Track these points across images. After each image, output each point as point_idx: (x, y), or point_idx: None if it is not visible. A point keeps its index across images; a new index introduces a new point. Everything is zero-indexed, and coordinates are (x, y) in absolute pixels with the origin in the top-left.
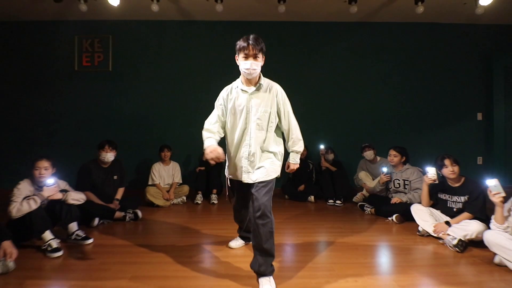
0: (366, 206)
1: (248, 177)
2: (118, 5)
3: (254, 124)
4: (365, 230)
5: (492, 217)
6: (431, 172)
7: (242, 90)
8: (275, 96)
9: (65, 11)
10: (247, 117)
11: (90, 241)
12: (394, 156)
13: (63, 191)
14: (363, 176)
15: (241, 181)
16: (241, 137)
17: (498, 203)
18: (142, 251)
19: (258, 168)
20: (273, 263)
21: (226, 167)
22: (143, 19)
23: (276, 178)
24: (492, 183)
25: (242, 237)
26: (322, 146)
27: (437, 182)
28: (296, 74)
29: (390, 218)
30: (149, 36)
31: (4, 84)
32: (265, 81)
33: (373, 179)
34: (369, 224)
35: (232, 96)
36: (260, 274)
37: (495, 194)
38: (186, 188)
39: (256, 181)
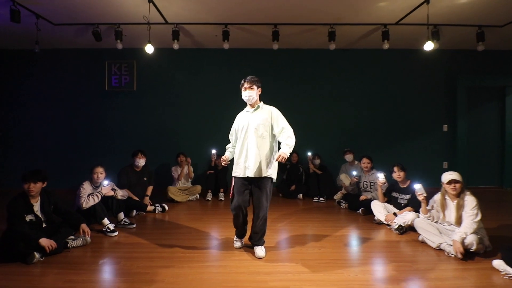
0: (342, 202)
1: (248, 172)
2: (149, 51)
3: (252, 132)
4: (338, 220)
5: (420, 210)
6: (381, 177)
7: (246, 111)
8: (270, 114)
9: (98, 42)
10: (247, 129)
11: (134, 226)
12: (367, 163)
13: (113, 189)
14: (343, 178)
15: (242, 179)
16: (242, 144)
17: (422, 200)
18: (167, 232)
19: (256, 166)
20: (271, 241)
21: (234, 168)
22: (162, 47)
23: (272, 180)
24: (418, 187)
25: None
26: (309, 153)
27: (386, 184)
28: (288, 92)
29: (358, 211)
30: (167, 60)
31: (49, 102)
32: (263, 105)
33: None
34: (342, 215)
35: (239, 117)
36: (257, 244)
37: (419, 194)
38: (199, 188)
39: (255, 176)
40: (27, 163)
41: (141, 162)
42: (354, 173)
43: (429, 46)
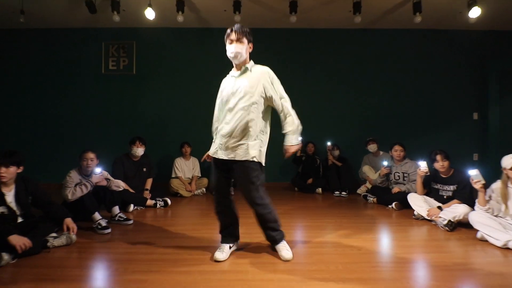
0: (369, 196)
1: (223, 154)
2: (150, 16)
3: (234, 104)
4: (369, 216)
5: (476, 200)
6: (423, 166)
7: (231, 76)
8: (262, 77)
9: (94, 20)
10: (230, 99)
11: (131, 222)
12: (400, 151)
13: (107, 179)
14: (367, 170)
15: (221, 160)
16: (224, 116)
17: (479, 189)
18: (169, 230)
19: (237, 146)
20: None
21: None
22: (163, 26)
23: (260, 164)
24: (473, 173)
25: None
26: (329, 143)
27: (428, 174)
28: (305, 76)
29: (390, 206)
30: (169, 42)
31: (38, 85)
32: (252, 65)
33: (376, 172)
34: (371, 210)
35: (224, 82)
36: (277, 241)
37: (476, 182)
38: (205, 181)
39: (234, 159)
40: None
41: (139, 151)
42: (385, 163)
43: (475, 12)
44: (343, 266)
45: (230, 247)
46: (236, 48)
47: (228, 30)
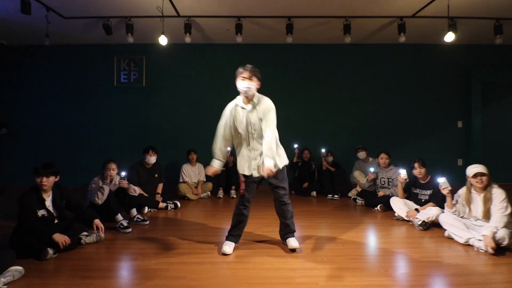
0: (358, 199)
1: (256, 173)
2: (163, 42)
3: (253, 133)
4: (357, 216)
5: (445, 204)
6: (402, 173)
7: (241, 107)
8: (262, 110)
9: (107, 37)
10: (248, 129)
11: (147, 222)
12: (386, 158)
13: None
14: (357, 175)
15: (251, 176)
16: (243, 144)
17: (447, 194)
18: (180, 228)
19: (263, 163)
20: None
21: (239, 164)
22: (170, 42)
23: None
24: (442, 181)
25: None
26: (323, 150)
27: (407, 180)
28: (302, 88)
29: (376, 208)
30: (176, 56)
31: (58, 96)
32: (259, 97)
33: (365, 177)
34: (360, 212)
35: (234, 112)
36: (291, 232)
37: (444, 188)
38: (210, 185)
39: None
40: (34, 160)
41: (152, 159)
42: (372, 169)
43: (449, 37)
44: (328, 258)
45: (235, 244)
46: (248, 85)
47: (241, 69)
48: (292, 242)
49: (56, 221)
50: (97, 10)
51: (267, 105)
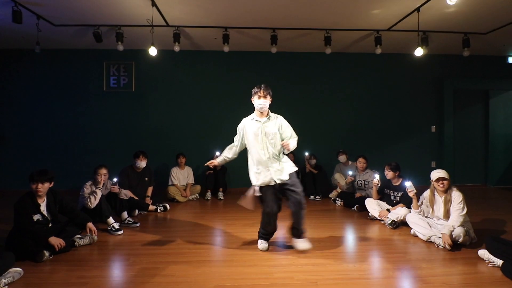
0: (337, 200)
1: (277, 179)
2: (153, 53)
3: (267, 143)
4: (335, 216)
5: (412, 205)
6: (376, 178)
7: (256, 120)
8: (279, 124)
9: (97, 43)
10: (262, 140)
11: (138, 225)
12: (363, 162)
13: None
14: (338, 177)
15: (269, 185)
16: (259, 154)
17: (412, 196)
18: (170, 230)
19: (280, 170)
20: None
21: (252, 177)
22: (160, 49)
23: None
24: (408, 184)
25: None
26: (306, 153)
27: (379, 185)
28: (285, 94)
29: (353, 208)
30: (165, 62)
31: (47, 101)
32: (272, 114)
33: (345, 179)
34: (338, 212)
35: (249, 125)
36: (301, 234)
37: (410, 191)
38: (198, 187)
39: (286, 180)
40: (25, 164)
41: (142, 164)
42: (350, 172)
43: (419, 52)
44: (305, 255)
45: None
46: (264, 102)
47: (256, 88)
48: (304, 243)
49: (50, 225)
50: (87, 19)
51: (282, 120)
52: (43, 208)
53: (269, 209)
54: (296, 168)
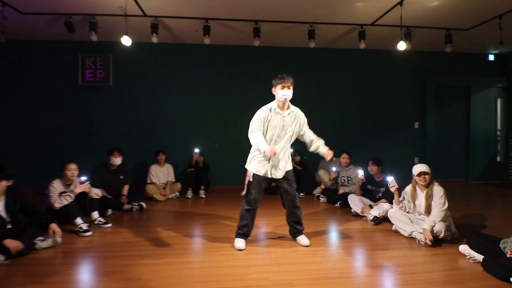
0: (321, 197)
1: (276, 173)
2: (127, 43)
3: (285, 137)
4: (318, 213)
5: (393, 201)
6: (360, 174)
7: (277, 112)
8: (299, 119)
9: (70, 34)
10: (281, 132)
11: (109, 225)
12: (347, 158)
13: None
14: (322, 174)
15: (266, 177)
16: (275, 144)
17: (394, 192)
18: (143, 230)
19: (284, 169)
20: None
21: (253, 164)
22: (139, 41)
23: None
24: (390, 179)
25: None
26: (291, 150)
27: (364, 181)
28: (267, 90)
29: (336, 204)
30: (145, 55)
31: (16, 95)
32: (292, 107)
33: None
34: (321, 209)
35: (270, 115)
36: (301, 232)
37: (392, 186)
38: (179, 185)
39: (285, 175)
40: None
41: (117, 161)
42: (334, 169)
43: (402, 46)
44: (282, 254)
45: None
46: (288, 93)
47: (281, 77)
48: (304, 240)
49: (8, 227)
50: (58, 7)
51: (302, 115)
52: (0, 208)
53: (252, 197)
54: (291, 167)
